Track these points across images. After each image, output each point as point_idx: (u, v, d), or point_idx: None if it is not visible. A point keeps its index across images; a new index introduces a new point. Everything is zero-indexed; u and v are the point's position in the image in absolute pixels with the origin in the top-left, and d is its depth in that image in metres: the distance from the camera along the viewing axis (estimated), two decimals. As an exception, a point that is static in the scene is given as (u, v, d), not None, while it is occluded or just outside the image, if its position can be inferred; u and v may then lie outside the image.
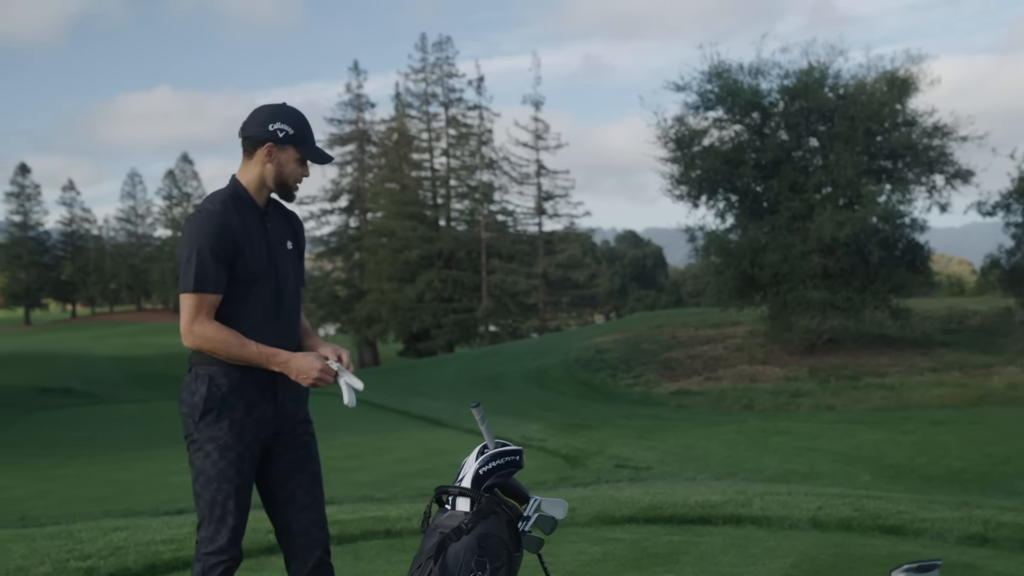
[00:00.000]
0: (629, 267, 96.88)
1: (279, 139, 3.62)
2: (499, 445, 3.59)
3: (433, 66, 69.11)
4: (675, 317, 41.81)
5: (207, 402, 3.52)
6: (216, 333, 3.49)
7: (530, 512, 3.44)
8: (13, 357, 63.53)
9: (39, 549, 6.71)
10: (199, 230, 3.51)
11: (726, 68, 31.53)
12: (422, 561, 3.31)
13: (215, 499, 3.52)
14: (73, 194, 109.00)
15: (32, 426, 24.52)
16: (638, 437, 18.03)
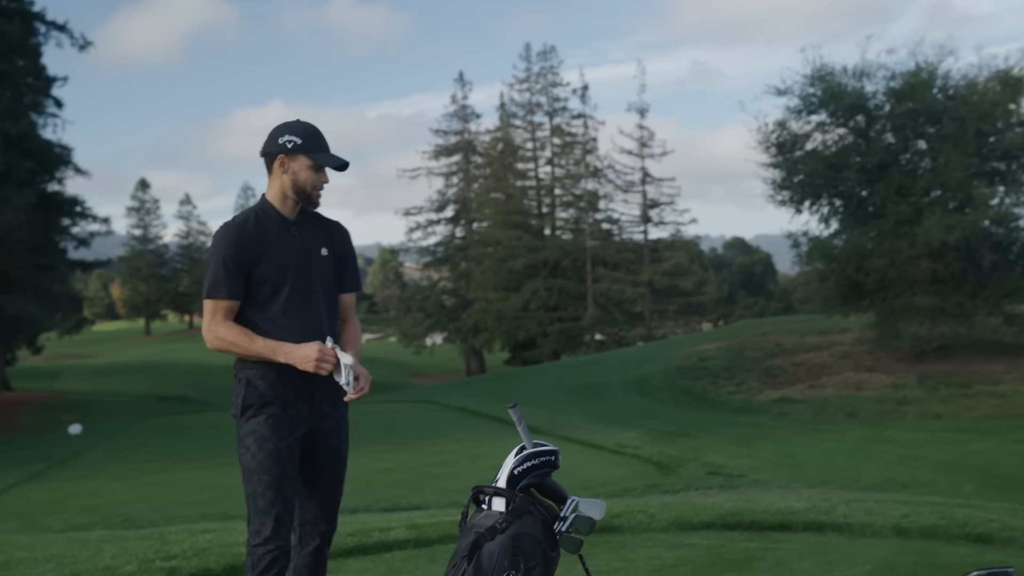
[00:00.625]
0: (737, 274, 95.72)
1: (288, 150, 3.87)
2: (536, 446, 3.62)
3: (538, 76, 69.42)
4: (781, 324, 41.16)
5: (246, 400, 3.82)
6: (227, 333, 3.80)
7: (567, 513, 3.46)
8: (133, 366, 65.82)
9: (129, 549, 6.97)
10: (218, 242, 3.85)
11: (829, 71, 30.98)
12: (457, 560, 3.36)
13: (256, 491, 3.75)
14: (190, 208, 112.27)
15: (145, 432, 25.36)
16: (735, 445, 17.81)
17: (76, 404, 42.25)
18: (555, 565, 3.47)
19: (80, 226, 45.01)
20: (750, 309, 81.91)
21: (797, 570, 5.75)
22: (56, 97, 42.75)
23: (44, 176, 41.84)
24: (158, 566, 6.20)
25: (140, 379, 58.17)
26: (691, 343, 40.07)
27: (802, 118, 31.49)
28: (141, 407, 42.65)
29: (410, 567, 6.17)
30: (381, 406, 29.46)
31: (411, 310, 71.96)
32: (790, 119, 31.56)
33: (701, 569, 5.83)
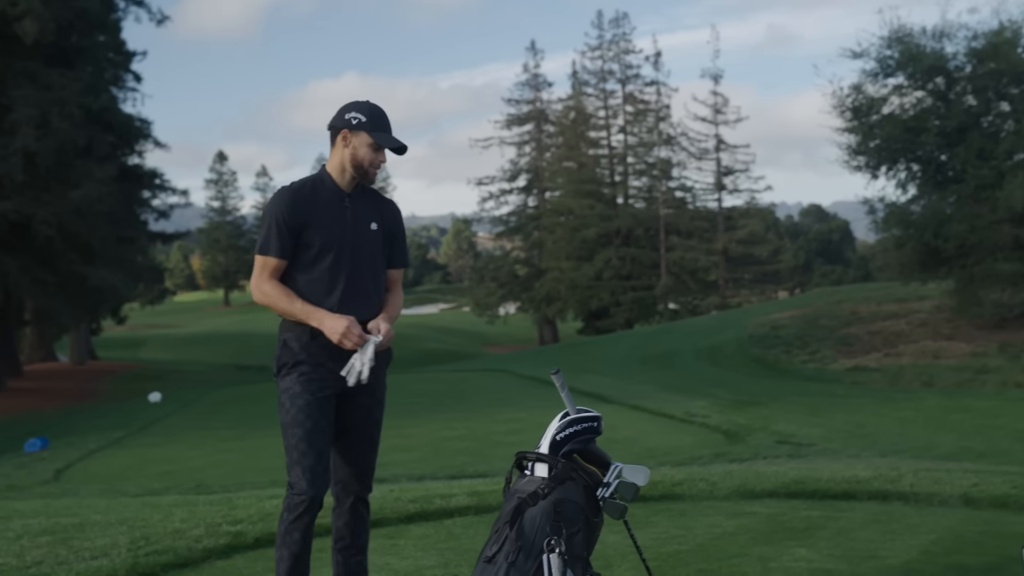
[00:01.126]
0: (814, 242, 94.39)
1: (352, 126, 4.07)
2: (579, 412, 3.62)
3: (610, 43, 68.86)
4: (857, 292, 40.55)
5: (280, 359, 4.08)
6: (271, 290, 4.05)
7: (611, 478, 3.47)
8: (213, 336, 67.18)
9: (198, 513, 7.15)
10: (273, 203, 4.09)
11: (907, 32, 30.28)
12: (499, 525, 3.38)
13: (291, 444, 4.00)
14: (266, 179, 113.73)
15: (222, 401, 25.87)
16: (806, 414, 17.61)
17: (158, 373, 43.34)
18: (598, 531, 3.47)
19: (160, 198, 45.94)
20: (827, 277, 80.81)
21: (859, 539, 5.69)
22: (135, 71, 43.53)
23: (124, 150, 42.72)
24: (224, 529, 6.34)
25: (220, 348, 59.38)
26: (764, 312, 39.68)
27: (879, 81, 30.88)
28: (220, 376, 43.58)
29: (470, 533, 6.23)
30: (453, 375, 29.71)
31: (484, 280, 72.25)
32: (866, 82, 30.96)
33: (761, 537, 5.80)
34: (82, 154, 35.92)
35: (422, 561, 5.51)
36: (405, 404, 20.56)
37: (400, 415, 18.77)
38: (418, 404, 20.95)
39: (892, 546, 5.48)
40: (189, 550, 5.87)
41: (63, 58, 36.45)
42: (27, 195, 33.55)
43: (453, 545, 5.89)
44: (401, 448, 14.33)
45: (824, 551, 5.40)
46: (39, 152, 33.13)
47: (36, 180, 34.20)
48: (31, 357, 48.62)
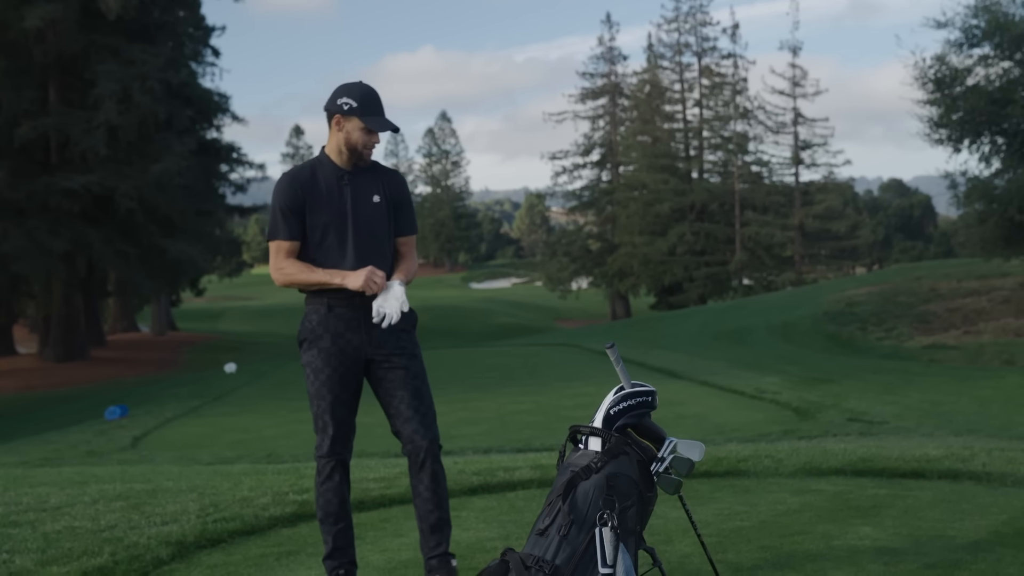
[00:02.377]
0: (894, 217, 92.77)
1: (344, 111, 4.29)
2: (634, 386, 3.60)
3: (686, 15, 68.10)
4: (937, 269, 39.74)
5: (301, 334, 4.36)
6: (289, 266, 4.28)
7: (665, 454, 3.45)
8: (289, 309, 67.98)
9: (266, 482, 7.28)
10: (275, 190, 4.32)
11: (995, 1, 29.48)
12: (552, 499, 3.39)
13: (316, 413, 4.40)
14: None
15: (295, 372, 26.04)
16: (880, 392, 17.32)
17: (235, 344, 44.13)
18: (652, 505, 3.46)
19: (237, 172, 46.62)
20: (907, 253, 79.35)
21: (927, 518, 5.58)
22: (214, 47, 44.17)
23: (203, 124, 43.42)
24: (291, 499, 6.45)
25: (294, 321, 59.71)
26: (840, 288, 39.10)
27: (963, 51, 30.12)
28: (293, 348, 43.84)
29: (532, 507, 6.23)
30: (524, 349, 29.78)
31: (557, 254, 72.20)
32: (950, 53, 30.23)
33: (825, 515, 5.73)
34: (162, 128, 36.61)
35: (483, 533, 5.54)
36: (475, 378, 20.67)
37: (469, 388, 18.89)
38: (488, 378, 21.03)
39: (960, 526, 5.37)
40: (256, 518, 5.99)
41: (144, 33, 37.11)
42: (109, 168, 34.31)
43: (515, 518, 5.91)
44: (468, 421, 14.41)
45: (890, 529, 5.31)
46: (121, 126, 33.85)
47: (118, 154, 34.97)
48: (113, 327, 49.87)
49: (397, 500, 6.52)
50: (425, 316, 62.49)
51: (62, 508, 6.64)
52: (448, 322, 59.57)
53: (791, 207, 66.57)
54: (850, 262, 72.73)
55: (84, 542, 5.47)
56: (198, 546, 5.48)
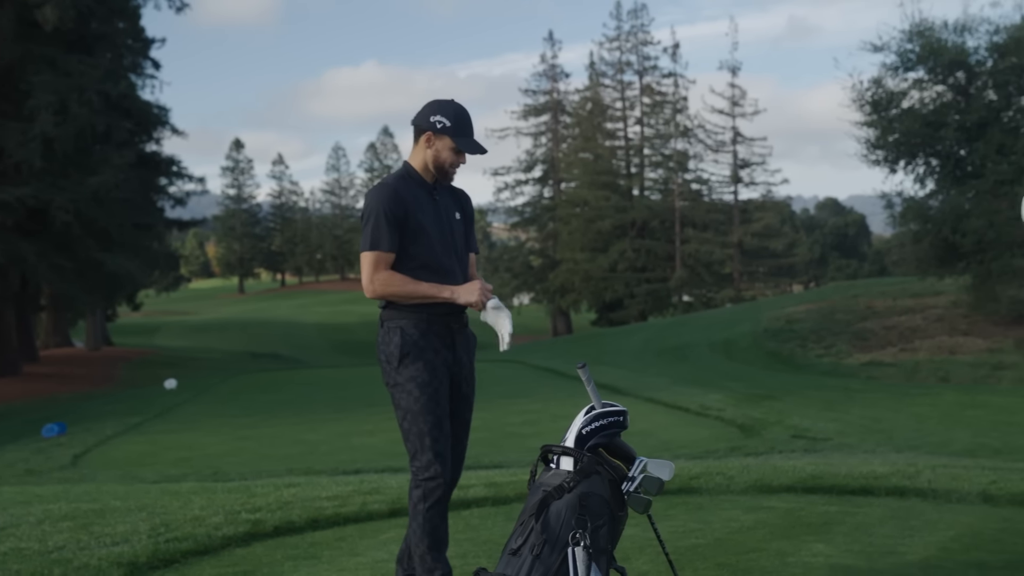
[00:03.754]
0: (830, 236, 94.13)
1: (437, 129, 4.21)
2: (605, 406, 3.62)
3: (628, 35, 68.75)
4: (873, 287, 40.43)
5: (403, 348, 4.14)
6: (392, 277, 4.15)
7: (635, 473, 3.47)
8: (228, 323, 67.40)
9: (217, 501, 7.19)
10: (377, 198, 4.18)
11: (928, 26, 30.15)
12: (525, 518, 3.39)
13: (423, 431, 4.10)
14: (282, 168, 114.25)
15: (237, 388, 25.95)
16: (821, 408, 17.58)
17: (172, 359, 43.48)
18: (623, 524, 3.48)
19: (177, 185, 46.03)
20: (842, 271, 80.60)
21: (877, 534, 5.68)
22: (154, 58, 43.56)
23: (142, 136, 42.78)
24: (243, 518, 6.38)
25: (234, 336, 59.57)
26: (780, 305, 39.61)
27: (899, 75, 30.78)
28: (234, 363, 43.73)
29: (488, 524, 6.25)
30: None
31: (498, 270, 72.29)
32: (886, 76, 30.87)
33: (778, 532, 5.80)
34: (100, 140, 36.03)
35: (440, 552, 5.52)
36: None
37: (415, 405, 18.82)
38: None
39: (911, 542, 5.47)
40: (209, 537, 5.92)
41: (82, 44, 36.52)
42: (45, 181, 33.66)
43: (471, 536, 5.91)
44: (416, 438, 14.33)
45: (842, 546, 5.39)
46: (58, 138, 33.22)
47: (54, 166, 34.31)
48: (47, 342, 48.85)
49: (351, 518, 6.49)
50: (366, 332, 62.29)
51: (7, 529, 6.48)
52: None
53: (730, 225, 67.34)
54: (787, 280, 73.72)
55: (33, 564, 5.36)
56: (151, 567, 5.40)
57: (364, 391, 22.18)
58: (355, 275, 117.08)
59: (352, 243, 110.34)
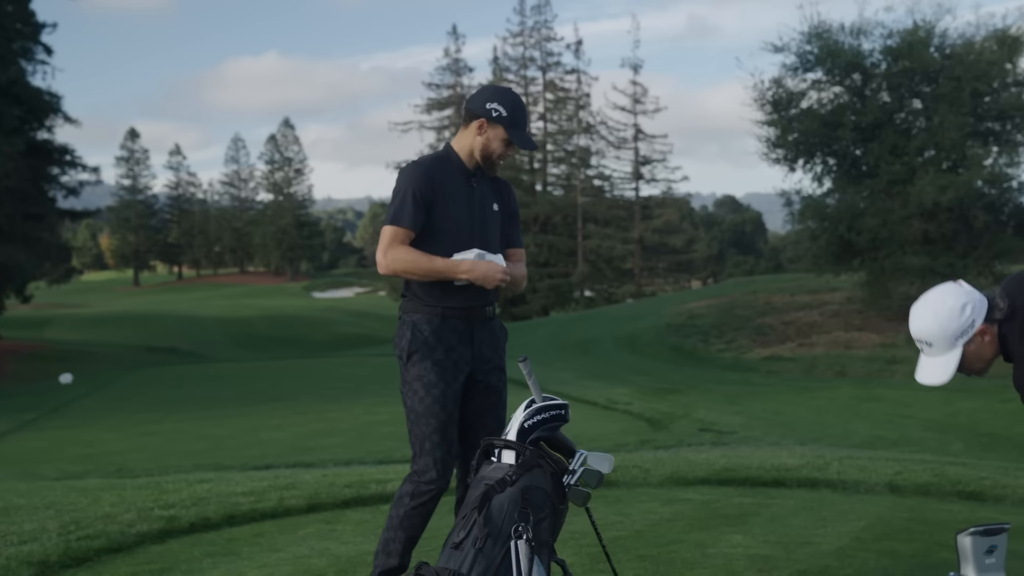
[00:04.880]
0: (727, 232, 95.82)
1: (492, 117, 4.02)
2: (546, 399, 3.62)
3: (531, 30, 68.89)
4: (771, 283, 41.27)
5: (412, 344, 3.98)
6: (405, 253, 3.93)
7: (576, 466, 3.48)
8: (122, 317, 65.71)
9: (127, 497, 7.00)
10: (408, 176, 4.01)
11: (826, 28, 30.83)
12: (467, 512, 3.37)
13: (424, 433, 3.96)
14: (180, 159, 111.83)
15: (137, 383, 25.37)
16: (725, 402, 17.92)
17: (65, 353, 42.24)
18: (563, 517, 3.49)
19: (69, 175, 44.88)
20: (739, 267, 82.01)
21: (792, 525, 5.79)
22: (46, 44, 42.38)
23: (33, 124, 41.55)
24: (157, 514, 6.22)
25: (129, 329, 58.09)
26: (681, 300, 40.19)
27: (798, 76, 31.43)
28: (131, 357, 42.66)
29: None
30: (374, 359, 29.53)
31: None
32: (786, 76, 31.51)
33: (697, 523, 5.87)
34: (-11, 127, 34.89)
35: (362, 546, 5.47)
36: (327, 388, 20.41)
37: (322, 399, 18.65)
38: (340, 388, 20.79)
39: (824, 532, 5.59)
40: (122, 535, 5.76)
41: (-32, 28, 35.34)
42: (-70, 168, 32.52)
43: (395, 531, 5.85)
44: (325, 432, 14.23)
45: (760, 537, 5.47)
46: (-57, 124, 32.12)
47: (-60, 153, 33.16)
48: (-69, 336, 47.14)
49: (269, 514, 6.38)
50: (266, 326, 61.43)
51: (-94, 530, 6.23)
52: (290, 331, 58.64)
53: (631, 221, 68.06)
54: (686, 275, 74.85)
55: (-64, 566, 5.16)
56: (63, 565, 5.23)
57: (269, 386, 21.91)
58: (255, 268, 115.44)
59: (252, 235, 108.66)
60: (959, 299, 3.48)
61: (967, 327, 3.44)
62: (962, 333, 3.44)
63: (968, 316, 3.45)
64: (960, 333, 3.44)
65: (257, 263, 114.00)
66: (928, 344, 3.49)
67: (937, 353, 3.49)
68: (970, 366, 3.51)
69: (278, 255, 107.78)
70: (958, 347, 3.46)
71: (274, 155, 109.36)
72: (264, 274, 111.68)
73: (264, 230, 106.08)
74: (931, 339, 3.47)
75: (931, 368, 3.52)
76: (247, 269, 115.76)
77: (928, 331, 3.47)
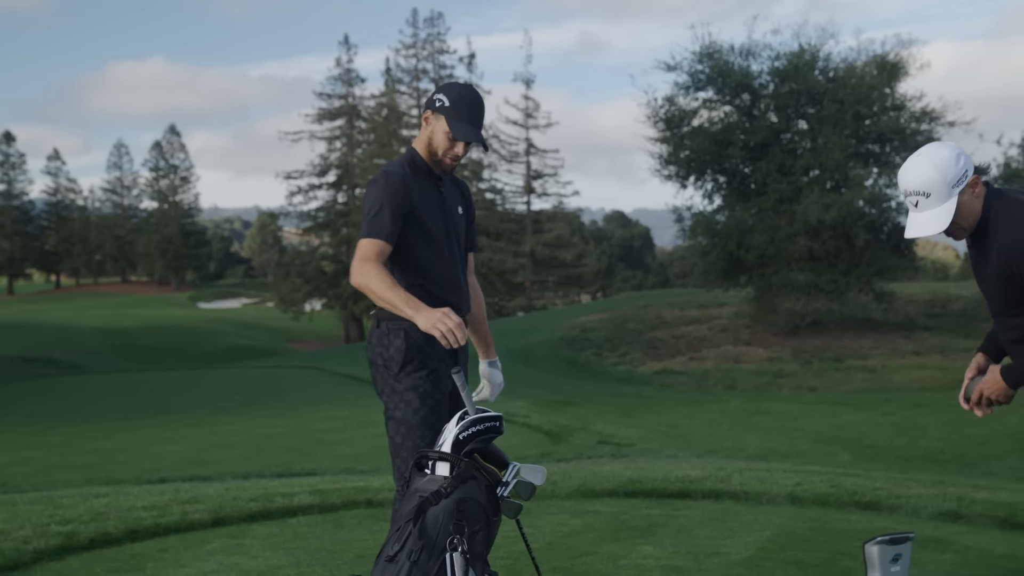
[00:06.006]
0: (616, 247, 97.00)
1: (435, 108, 3.88)
2: (479, 411, 3.60)
3: (424, 42, 68.77)
4: (661, 298, 41.89)
5: (407, 353, 3.78)
6: (377, 272, 3.66)
7: (509, 478, 3.47)
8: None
9: (20, 513, 6.73)
10: (385, 186, 3.79)
11: (717, 49, 31.49)
12: (401, 524, 3.33)
13: (417, 445, 3.71)
14: (59, 164, 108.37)
15: (15, 395, 24.47)
16: (621, 415, 18.11)
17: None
18: (496, 529, 3.47)
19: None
20: (628, 282, 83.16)
21: (700, 536, 5.87)
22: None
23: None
24: (54, 530, 5.99)
25: (3, 340, 55.92)
26: (573, 314, 40.51)
27: (690, 94, 32.00)
28: (4, 369, 41.11)
29: (316, 532, 6.12)
30: (264, 371, 29.09)
31: (290, 275, 70.90)
32: (678, 95, 32.05)
33: (608, 535, 5.92)
34: None
35: (272, 561, 5.38)
36: (218, 401, 20.00)
37: (215, 412, 18.27)
38: (232, 400, 20.43)
39: (732, 543, 5.69)
40: (18, 551, 5.53)
41: None
42: None
43: (301, 544, 5.78)
44: (221, 445, 13.94)
45: (669, 548, 5.55)
46: None
47: None
48: None
49: (172, 528, 6.21)
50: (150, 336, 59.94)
51: None
52: (175, 342, 57.32)
53: (523, 234, 68.42)
54: (576, 289, 75.53)
55: None
56: (-45, 585, 5.03)
57: (157, 397, 21.36)
58: (137, 277, 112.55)
59: (134, 244, 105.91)
60: (952, 149, 3.59)
61: (963, 174, 3.55)
62: (959, 180, 3.55)
63: (963, 164, 3.56)
64: (957, 180, 3.54)
65: (140, 272, 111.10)
66: (926, 195, 3.57)
67: (934, 203, 3.57)
68: (962, 219, 3.60)
69: (162, 264, 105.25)
70: (954, 195, 3.55)
71: (159, 162, 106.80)
72: (148, 284, 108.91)
73: (148, 238, 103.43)
74: (930, 188, 3.56)
75: (927, 219, 3.59)
76: (130, 278, 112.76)
77: (927, 179, 3.56)
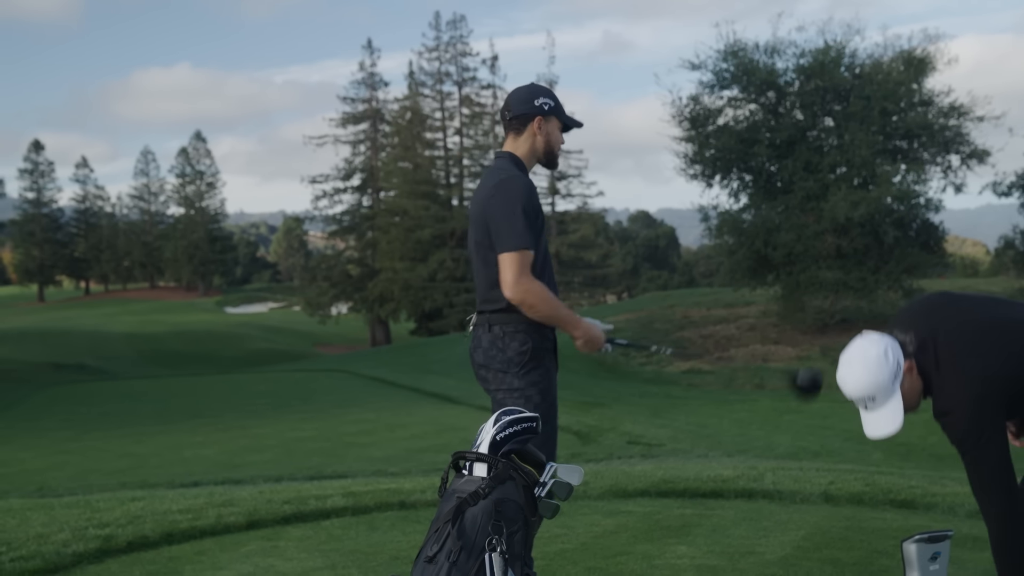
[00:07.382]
0: (642, 247, 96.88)
1: (545, 112, 4.00)
2: (514, 412, 3.61)
3: (447, 45, 68.91)
4: (687, 297, 41.79)
5: (531, 352, 3.92)
6: (541, 289, 3.84)
7: (546, 478, 3.47)
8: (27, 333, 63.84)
9: (58, 517, 6.79)
10: (522, 193, 3.85)
11: (742, 47, 31.42)
12: (439, 525, 3.34)
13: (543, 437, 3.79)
14: (87, 171, 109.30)
15: (48, 401, 24.66)
16: (650, 415, 18.08)
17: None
18: (535, 530, 3.48)
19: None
20: (654, 282, 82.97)
21: (734, 535, 5.85)
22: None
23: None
24: (92, 533, 6.04)
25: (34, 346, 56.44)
26: (600, 314, 40.47)
27: (715, 93, 31.94)
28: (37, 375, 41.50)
29: (350, 534, 6.14)
30: (294, 375, 29.17)
31: (316, 279, 71.26)
32: (703, 93, 32.01)
33: (641, 535, 5.90)
34: None
35: (307, 563, 5.40)
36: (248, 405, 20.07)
37: (245, 415, 18.35)
38: (261, 404, 20.48)
39: (767, 542, 5.66)
40: (58, 555, 5.58)
41: None
42: None
43: (336, 547, 5.79)
44: (252, 449, 13.99)
45: (704, 548, 5.52)
46: None
47: None
48: None
49: (208, 532, 6.25)
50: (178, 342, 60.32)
51: None
52: (203, 347, 57.67)
53: (548, 235, 68.28)
54: (602, 290, 75.46)
55: None
56: (-3, 589, 5.08)
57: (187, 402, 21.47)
58: (165, 283, 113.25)
59: (162, 250, 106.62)
60: (878, 346, 3.56)
61: (896, 368, 3.53)
62: (895, 376, 3.52)
63: (893, 358, 3.53)
64: (893, 376, 3.52)
65: (168, 278, 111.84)
66: (871, 399, 3.57)
67: (881, 404, 3.57)
68: (908, 404, 3.59)
69: (189, 270, 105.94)
70: (897, 390, 3.54)
71: (185, 168, 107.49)
72: (175, 289, 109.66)
73: (175, 244, 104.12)
74: (873, 392, 3.55)
75: (880, 420, 3.61)
76: (157, 284, 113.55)
77: (868, 386, 3.54)
